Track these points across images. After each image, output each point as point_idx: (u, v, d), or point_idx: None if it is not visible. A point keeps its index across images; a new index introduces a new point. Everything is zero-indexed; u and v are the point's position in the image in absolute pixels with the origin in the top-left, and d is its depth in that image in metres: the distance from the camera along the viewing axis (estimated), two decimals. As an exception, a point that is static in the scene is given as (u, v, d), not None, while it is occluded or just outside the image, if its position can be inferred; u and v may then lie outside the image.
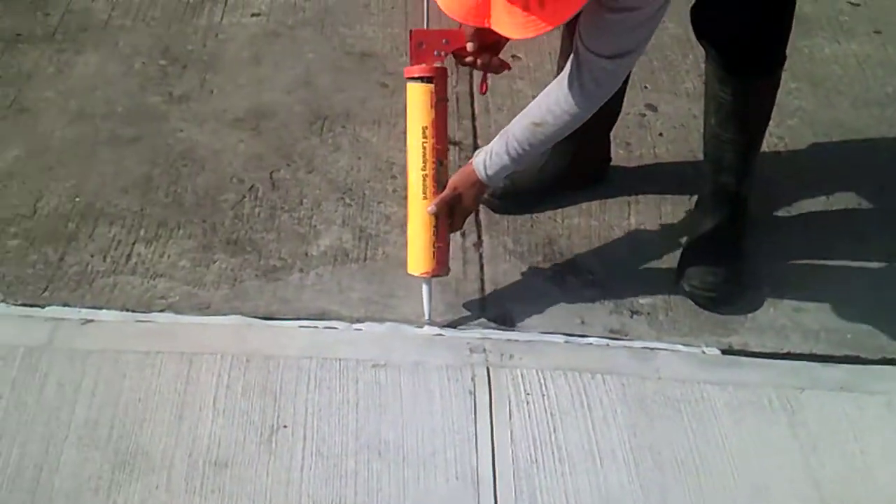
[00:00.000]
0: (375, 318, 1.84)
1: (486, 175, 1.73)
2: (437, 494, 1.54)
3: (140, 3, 2.59)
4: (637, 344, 1.84)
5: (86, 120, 2.22)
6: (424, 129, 1.72)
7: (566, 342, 1.83)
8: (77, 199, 2.02)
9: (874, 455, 1.65)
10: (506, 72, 1.74)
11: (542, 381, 1.74)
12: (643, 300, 1.93)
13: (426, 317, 1.80)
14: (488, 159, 1.72)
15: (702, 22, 1.78)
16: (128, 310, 1.81)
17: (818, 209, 2.15)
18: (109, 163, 2.12)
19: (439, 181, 1.74)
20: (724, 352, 1.84)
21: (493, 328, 1.84)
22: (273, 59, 2.47)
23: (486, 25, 1.42)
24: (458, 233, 1.93)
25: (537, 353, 1.79)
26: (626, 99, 2.08)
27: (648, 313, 1.90)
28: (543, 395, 1.72)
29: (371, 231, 2.02)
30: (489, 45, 1.69)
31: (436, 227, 1.75)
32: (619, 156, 2.22)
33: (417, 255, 1.77)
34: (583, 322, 1.87)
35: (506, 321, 1.86)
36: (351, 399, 1.67)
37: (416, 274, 1.78)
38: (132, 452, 1.56)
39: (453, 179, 1.75)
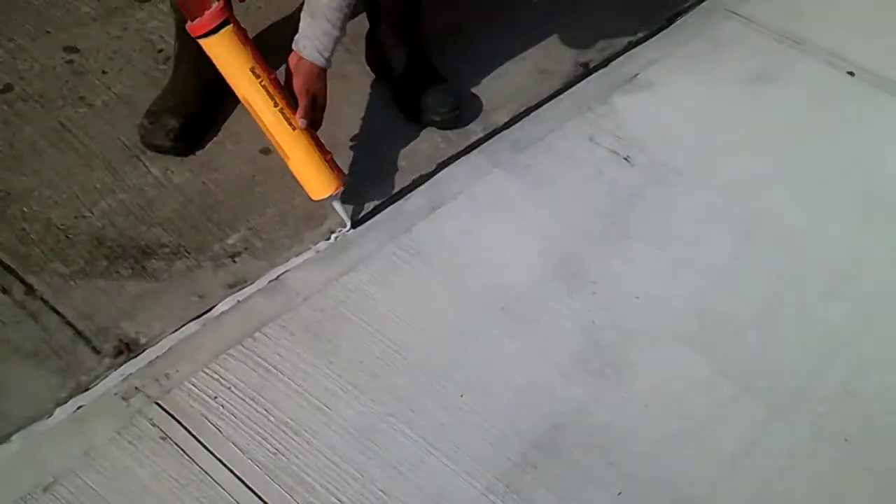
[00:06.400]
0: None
1: (326, 59, 1.65)
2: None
3: None
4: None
5: None
6: (253, 69, 1.62)
7: None
8: None
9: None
10: None
11: None
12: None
13: (348, 224, 1.78)
14: (319, 44, 1.63)
15: None
16: None
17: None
18: None
19: (292, 106, 1.65)
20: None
21: None
22: None
23: None
24: None
25: None
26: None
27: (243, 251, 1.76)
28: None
29: None
30: None
31: (315, 143, 1.69)
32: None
33: (319, 179, 1.71)
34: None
35: None
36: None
37: (328, 194, 1.71)
38: None
39: (297, 85, 1.65)
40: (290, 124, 1.67)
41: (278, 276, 1.71)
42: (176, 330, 1.60)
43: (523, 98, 2.16)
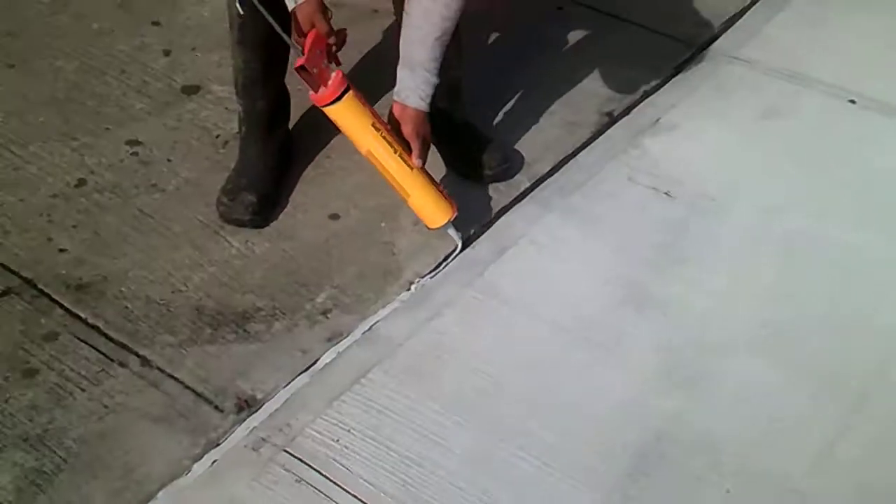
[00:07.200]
0: None
1: (428, 104, 1.82)
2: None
3: None
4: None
5: None
6: (373, 125, 1.78)
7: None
8: None
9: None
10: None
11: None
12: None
13: (460, 245, 1.94)
14: (422, 93, 1.79)
15: None
16: None
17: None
18: None
19: (406, 149, 1.83)
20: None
21: None
22: None
23: None
24: None
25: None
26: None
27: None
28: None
29: None
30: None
31: (429, 178, 1.87)
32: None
33: (438, 209, 1.89)
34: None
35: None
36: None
37: (445, 221, 1.89)
38: None
39: (408, 131, 1.82)
40: (408, 165, 1.83)
41: (371, 327, 1.82)
42: (288, 384, 1.70)
43: (560, 148, 2.31)
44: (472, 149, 2.14)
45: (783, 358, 1.79)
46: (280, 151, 2.11)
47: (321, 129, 2.26)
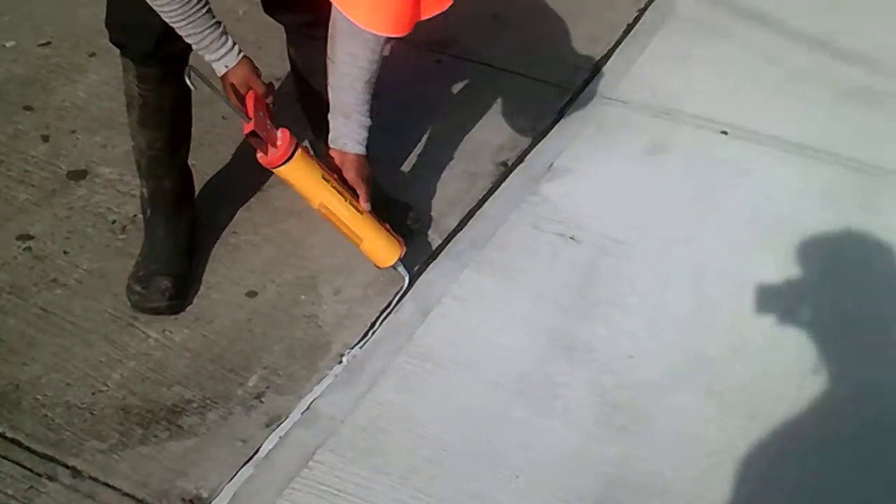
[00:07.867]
0: None
1: (366, 148, 1.82)
2: None
3: None
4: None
5: None
6: (323, 177, 1.79)
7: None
8: None
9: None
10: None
11: None
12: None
13: (407, 279, 1.99)
14: (359, 136, 1.80)
15: None
16: None
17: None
18: None
19: (352, 194, 1.85)
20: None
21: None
22: None
23: (421, 18, 1.50)
24: None
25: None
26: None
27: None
28: None
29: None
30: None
31: (376, 219, 1.88)
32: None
33: (388, 249, 1.91)
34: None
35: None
36: None
37: (396, 259, 1.92)
38: None
39: (352, 177, 1.83)
40: (357, 210, 1.83)
41: (309, 406, 1.79)
42: (232, 478, 1.65)
43: (464, 201, 2.34)
44: (380, 210, 2.14)
45: (710, 390, 1.87)
46: (189, 230, 2.05)
47: (222, 203, 2.22)
